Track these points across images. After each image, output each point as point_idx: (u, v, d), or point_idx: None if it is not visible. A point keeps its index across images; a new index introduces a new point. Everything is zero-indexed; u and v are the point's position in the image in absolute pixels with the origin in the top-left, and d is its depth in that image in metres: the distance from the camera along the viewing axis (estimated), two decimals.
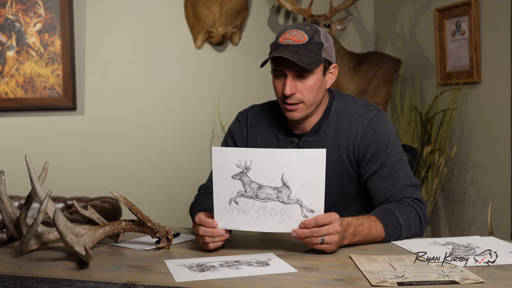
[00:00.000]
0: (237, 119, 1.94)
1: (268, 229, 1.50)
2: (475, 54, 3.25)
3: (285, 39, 1.69)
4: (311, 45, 1.67)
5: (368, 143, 1.73)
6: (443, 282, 1.21)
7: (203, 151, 3.90)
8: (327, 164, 1.54)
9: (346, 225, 1.52)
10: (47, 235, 1.58)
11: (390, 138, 1.74)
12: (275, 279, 1.28)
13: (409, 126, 3.59)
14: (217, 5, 3.76)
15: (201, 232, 1.52)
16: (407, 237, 1.65)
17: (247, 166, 1.49)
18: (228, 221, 1.51)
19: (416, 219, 1.66)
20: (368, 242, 1.59)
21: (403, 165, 1.74)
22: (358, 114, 1.76)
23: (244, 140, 1.89)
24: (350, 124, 1.76)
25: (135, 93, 3.81)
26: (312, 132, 1.79)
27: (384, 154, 1.72)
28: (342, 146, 1.76)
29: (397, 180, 1.71)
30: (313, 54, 1.67)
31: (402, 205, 1.67)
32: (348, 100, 1.81)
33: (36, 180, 1.53)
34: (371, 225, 1.58)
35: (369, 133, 1.74)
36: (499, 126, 3.14)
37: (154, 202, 3.76)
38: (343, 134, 1.76)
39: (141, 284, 1.25)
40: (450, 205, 3.56)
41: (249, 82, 3.96)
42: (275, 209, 1.49)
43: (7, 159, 3.53)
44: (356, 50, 4.07)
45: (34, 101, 3.62)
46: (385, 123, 1.76)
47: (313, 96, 1.71)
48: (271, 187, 1.48)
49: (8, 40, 3.59)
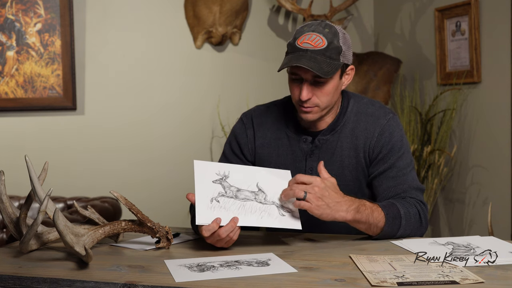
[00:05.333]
0: (241, 120, 1.92)
1: (250, 223, 1.54)
2: (475, 54, 3.25)
3: (304, 43, 1.66)
4: (329, 51, 1.65)
5: (383, 144, 1.76)
6: (443, 282, 1.21)
7: (203, 151, 3.90)
8: (345, 165, 1.72)
9: (349, 200, 1.56)
10: (47, 235, 1.58)
11: (403, 142, 1.78)
12: (275, 279, 1.28)
13: (409, 126, 3.59)
14: (217, 5, 3.76)
15: (223, 235, 1.49)
16: (406, 233, 1.65)
17: (225, 175, 1.60)
18: (209, 218, 1.52)
19: (417, 216, 1.67)
20: (370, 226, 1.60)
21: (411, 170, 1.77)
22: (376, 116, 1.78)
23: (249, 142, 1.87)
24: (368, 124, 1.78)
25: (135, 93, 3.81)
26: (327, 131, 1.80)
27: (396, 156, 1.75)
28: (360, 145, 1.77)
29: (404, 182, 1.74)
30: (332, 61, 1.66)
31: (404, 201, 1.69)
32: (365, 101, 1.83)
33: (36, 180, 1.53)
34: (373, 208, 1.60)
35: (385, 134, 1.76)
36: (499, 126, 3.14)
37: (154, 202, 3.76)
38: (361, 134, 1.77)
39: (141, 284, 1.25)
40: (450, 205, 3.56)
41: (249, 82, 3.96)
42: (254, 207, 1.57)
43: (7, 159, 3.53)
44: (356, 50, 4.07)
45: (34, 101, 3.62)
46: (399, 127, 1.79)
47: (329, 99, 1.72)
48: (248, 190, 1.59)
49: (8, 40, 3.59)
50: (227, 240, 1.51)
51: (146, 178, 3.82)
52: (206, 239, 1.52)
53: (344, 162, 1.77)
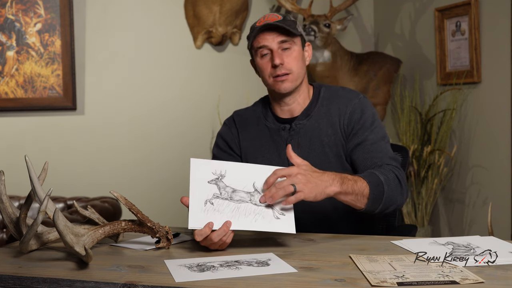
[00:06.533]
0: (225, 124, 2.03)
1: (243, 227, 1.53)
2: (475, 54, 3.25)
3: (262, 22, 1.83)
4: (287, 22, 1.82)
5: (356, 120, 1.85)
6: (443, 282, 1.21)
7: (203, 151, 3.90)
8: (325, 142, 1.81)
9: (331, 174, 1.58)
10: (47, 235, 1.58)
11: (375, 118, 1.87)
12: (275, 279, 1.28)
13: (409, 126, 3.59)
14: (217, 5, 3.76)
15: (215, 239, 1.50)
16: (389, 196, 1.68)
17: (222, 174, 1.59)
18: (202, 221, 1.52)
19: (396, 181, 1.72)
20: (356, 196, 1.62)
21: (386, 143, 1.84)
22: (348, 97, 1.90)
23: (235, 138, 1.97)
24: (340, 104, 1.88)
25: (135, 93, 3.81)
26: (303, 116, 1.89)
27: (369, 130, 1.83)
28: (335, 123, 1.87)
29: (379, 152, 1.80)
30: (291, 27, 1.81)
31: (381, 168, 1.74)
32: (336, 88, 1.96)
33: (36, 180, 1.53)
34: (355, 178, 1.63)
35: (357, 110, 1.86)
36: (499, 126, 3.14)
37: (154, 202, 3.76)
38: (335, 113, 1.88)
39: (141, 284, 1.25)
40: (450, 205, 3.56)
41: (249, 82, 3.96)
42: (248, 209, 1.55)
43: (7, 159, 3.53)
44: (356, 50, 4.07)
45: (34, 101, 3.62)
46: (371, 106, 1.90)
47: (299, 66, 1.84)
48: (244, 191, 1.58)
49: (8, 40, 3.59)
50: (220, 244, 1.52)
51: (146, 178, 3.82)
52: (200, 242, 1.53)
53: (324, 140, 1.85)
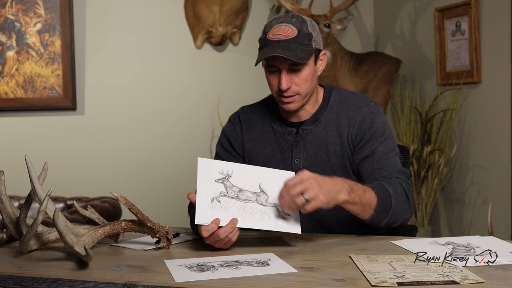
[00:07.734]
0: (230, 120, 1.97)
1: (249, 225, 1.54)
2: (475, 54, 3.25)
3: (275, 35, 1.71)
4: (301, 38, 1.70)
5: (365, 130, 1.78)
6: (443, 282, 1.21)
7: (203, 151, 3.90)
8: (331, 152, 1.73)
9: (340, 179, 1.55)
10: (47, 235, 1.58)
11: (385, 129, 1.80)
12: (275, 279, 1.28)
13: (409, 126, 3.59)
14: (217, 5, 3.76)
15: (222, 236, 1.50)
16: (395, 213, 1.65)
17: (228, 174, 1.59)
18: (209, 218, 1.52)
19: (404, 196, 1.69)
20: (363, 206, 1.59)
21: (395, 156, 1.79)
22: (358, 105, 1.81)
23: (238, 138, 1.91)
24: (350, 112, 1.81)
25: (135, 93, 3.81)
26: (311, 121, 1.83)
27: (378, 141, 1.77)
28: (343, 133, 1.79)
29: (387, 165, 1.75)
30: (304, 47, 1.70)
31: (390, 181, 1.70)
32: (347, 93, 1.87)
33: (36, 180, 1.53)
34: (364, 188, 1.60)
35: (367, 120, 1.79)
36: (499, 126, 3.14)
37: (154, 202, 3.76)
38: (344, 122, 1.80)
39: (141, 284, 1.25)
40: (450, 205, 3.56)
41: (249, 82, 3.96)
42: (255, 208, 1.56)
43: (7, 159, 3.53)
44: (356, 50, 4.07)
45: (34, 101, 3.62)
46: (381, 115, 1.82)
47: (308, 86, 1.75)
48: (250, 191, 1.58)
49: (8, 40, 3.59)
50: (226, 241, 1.52)
51: (146, 178, 3.82)
52: (205, 239, 1.52)
53: (330, 150, 1.79)
